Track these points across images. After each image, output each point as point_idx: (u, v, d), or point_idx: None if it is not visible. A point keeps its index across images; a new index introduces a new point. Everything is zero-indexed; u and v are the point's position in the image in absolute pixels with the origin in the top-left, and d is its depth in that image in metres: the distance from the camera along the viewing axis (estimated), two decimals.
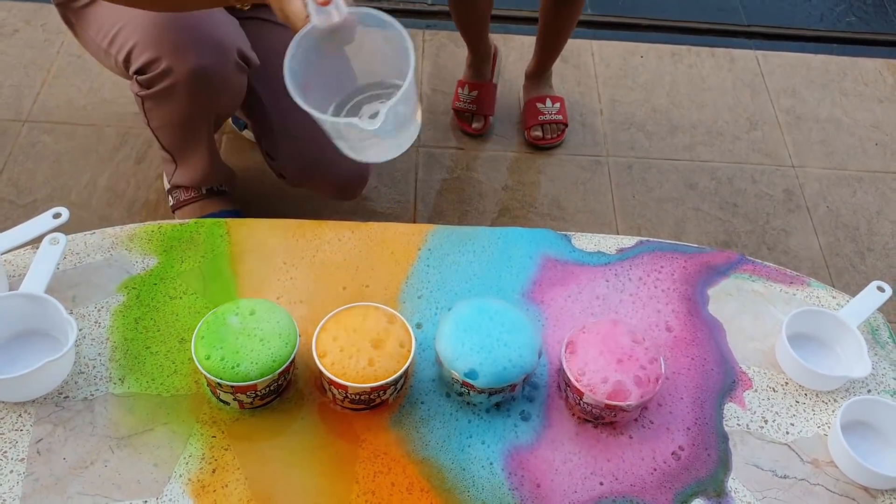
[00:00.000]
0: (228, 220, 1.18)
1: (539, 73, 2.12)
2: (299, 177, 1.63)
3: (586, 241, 1.19)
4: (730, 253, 1.21)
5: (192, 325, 0.99)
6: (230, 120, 2.03)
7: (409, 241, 1.17)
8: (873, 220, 2.05)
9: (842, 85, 2.38)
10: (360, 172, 1.65)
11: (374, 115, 0.89)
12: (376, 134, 0.89)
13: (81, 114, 2.04)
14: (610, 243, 1.19)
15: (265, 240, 1.15)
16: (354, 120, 0.91)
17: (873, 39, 2.59)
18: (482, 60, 2.11)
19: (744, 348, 1.10)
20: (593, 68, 2.32)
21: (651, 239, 1.21)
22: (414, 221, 1.90)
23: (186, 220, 1.17)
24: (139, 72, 1.38)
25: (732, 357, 1.09)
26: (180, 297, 1.07)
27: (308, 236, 1.16)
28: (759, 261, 1.20)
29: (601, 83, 2.29)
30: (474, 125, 2.10)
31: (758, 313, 1.14)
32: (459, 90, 2.13)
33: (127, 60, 1.39)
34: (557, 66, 2.29)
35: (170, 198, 1.76)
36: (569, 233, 1.20)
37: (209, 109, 1.49)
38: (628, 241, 1.20)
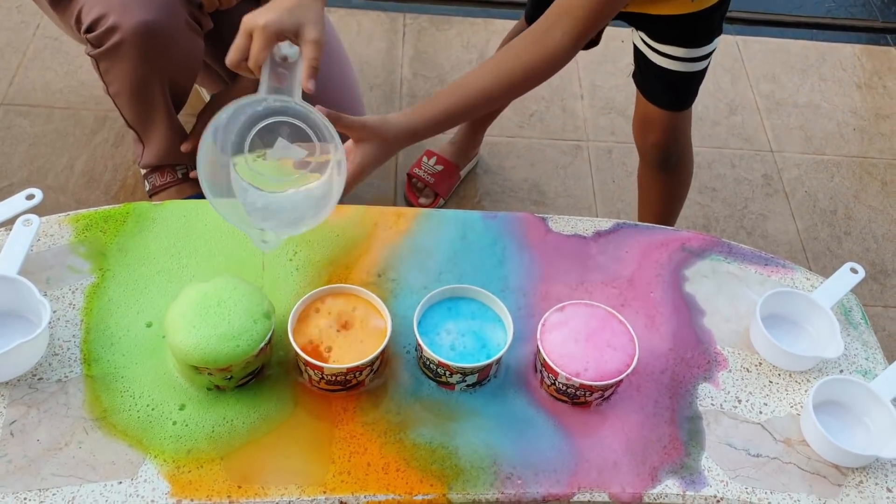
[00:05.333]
0: (205, 200, 1.17)
1: None
2: None
3: (563, 224, 1.20)
4: (705, 235, 1.22)
5: (166, 306, 0.98)
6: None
7: (389, 224, 1.17)
8: (850, 205, 2.06)
9: (821, 70, 2.39)
10: None
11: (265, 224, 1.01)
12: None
13: (58, 97, 2.02)
14: (587, 226, 1.20)
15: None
16: (246, 228, 1.01)
17: (852, 25, 2.60)
18: (465, 148, 1.94)
19: (719, 329, 1.11)
20: None
21: (628, 221, 1.22)
22: None
23: (161, 202, 1.16)
24: (89, 29, 1.41)
25: (708, 338, 1.09)
26: (155, 278, 1.07)
27: None
28: (735, 243, 1.21)
29: (581, 67, 2.29)
30: (422, 200, 1.91)
31: (733, 294, 1.15)
32: (424, 159, 1.94)
33: (79, 20, 1.41)
34: None
35: (146, 183, 1.75)
36: (546, 215, 1.21)
37: (161, 69, 1.48)
38: (605, 223, 1.21)
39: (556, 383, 0.98)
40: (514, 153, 2.06)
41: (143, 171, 1.76)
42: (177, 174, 1.72)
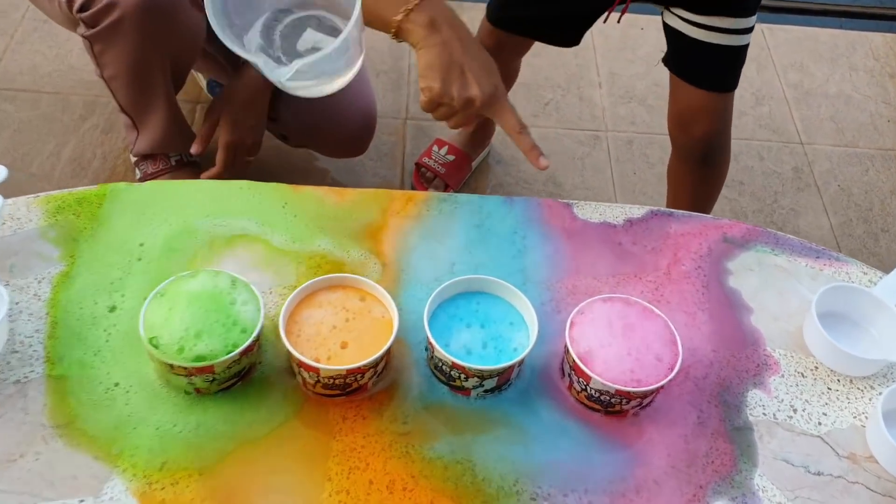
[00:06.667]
0: (189, 181, 1.05)
1: None
2: (304, 135, 1.54)
3: (591, 211, 1.07)
4: (748, 224, 1.09)
5: (144, 298, 0.86)
6: (205, 88, 1.89)
7: (397, 209, 1.05)
8: (887, 200, 1.94)
9: (851, 60, 2.27)
10: (366, 123, 1.56)
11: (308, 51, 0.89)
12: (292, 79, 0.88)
13: (46, 81, 1.91)
14: (617, 213, 1.07)
15: (231, 203, 1.02)
16: (262, 63, 0.88)
17: (882, 14, 2.47)
18: (478, 136, 1.81)
19: (768, 328, 0.98)
20: (591, 40, 2.19)
21: (662, 209, 1.09)
22: None
23: (142, 182, 1.04)
24: (82, 8, 1.28)
25: (757, 338, 0.97)
26: (132, 266, 0.95)
27: (283, 200, 1.04)
28: (782, 233, 1.08)
29: (599, 55, 2.16)
30: (430, 190, 1.77)
31: (782, 290, 1.02)
32: (435, 147, 1.81)
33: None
34: None
35: (137, 171, 1.63)
36: (571, 201, 1.08)
37: (163, 49, 1.37)
38: (637, 210, 1.08)
39: (588, 389, 0.85)
40: None
41: (133, 159, 1.64)
42: (170, 161, 1.61)
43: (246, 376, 0.86)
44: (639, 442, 0.87)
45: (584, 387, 0.86)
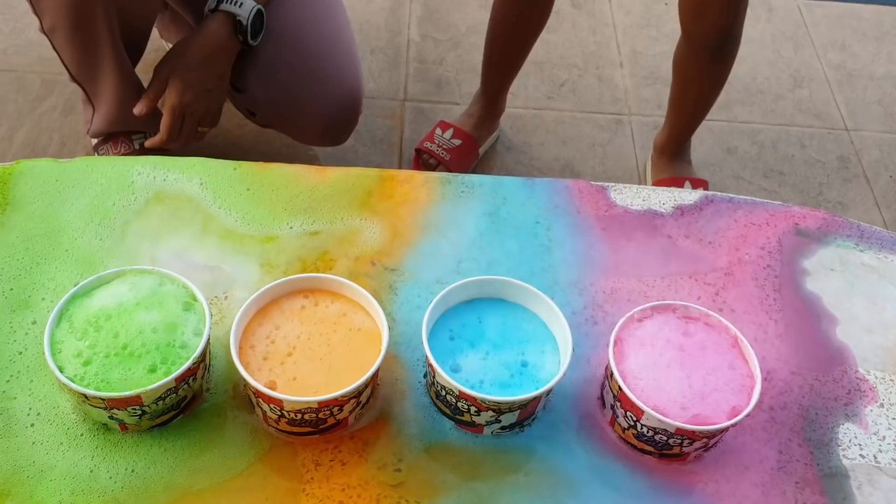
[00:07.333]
0: (139, 157, 0.85)
1: (673, 146, 1.59)
2: (275, 112, 1.31)
3: (631, 196, 0.86)
4: (823, 212, 0.88)
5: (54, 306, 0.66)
6: None
7: (388, 192, 0.84)
8: None
9: None
10: (351, 104, 1.32)
11: None
12: None
13: (0, 57, 1.70)
14: (664, 198, 0.87)
15: (185, 183, 0.82)
16: None
17: None
18: (487, 116, 1.63)
19: (860, 344, 0.77)
20: (611, 16, 1.99)
21: (718, 193, 0.88)
22: None
23: (71, 159, 0.84)
24: None
25: (845, 356, 0.76)
26: (50, 263, 0.74)
27: (246, 181, 0.83)
28: (867, 224, 0.88)
29: (620, 32, 1.95)
30: None
31: (873, 295, 0.81)
32: (438, 131, 1.62)
33: None
34: (568, 13, 1.97)
35: (96, 155, 1.43)
36: (607, 184, 0.88)
37: None
38: (689, 195, 0.87)
39: (638, 426, 0.65)
40: (542, 128, 1.72)
41: (93, 142, 1.44)
42: (133, 145, 1.41)
43: (188, 408, 0.66)
44: (703, 493, 0.66)
45: (632, 423, 0.65)
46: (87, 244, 0.76)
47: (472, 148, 1.60)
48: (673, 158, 1.59)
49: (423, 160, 1.59)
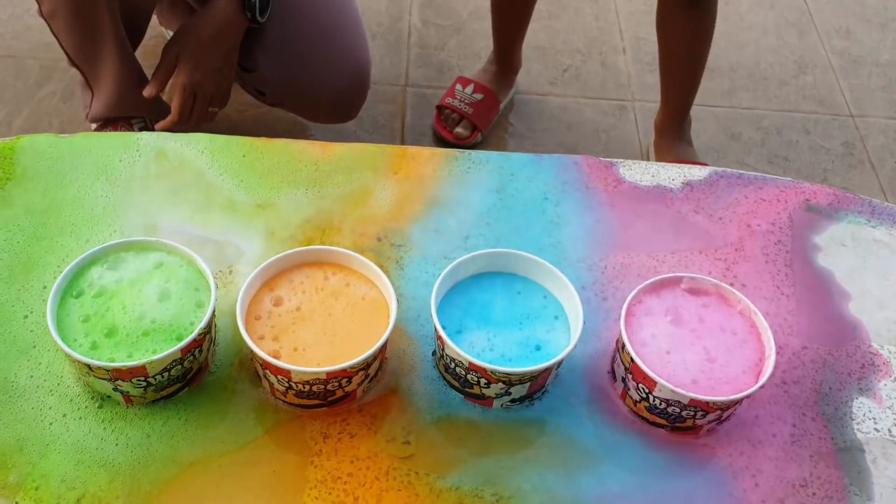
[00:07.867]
0: (137, 133, 0.84)
1: (670, 123, 1.56)
2: (285, 89, 1.30)
3: (640, 172, 0.86)
4: (834, 189, 0.87)
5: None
6: None
7: (394, 167, 0.83)
8: None
9: None
10: (360, 78, 1.32)
11: None
12: None
13: None
14: (673, 174, 0.86)
15: (190, 157, 0.81)
16: None
17: None
18: (503, 72, 1.64)
19: (872, 319, 0.76)
20: (613, 2, 1.98)
21: (727, 169, 0.87)
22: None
23: (70, 135, 0.83)
24: None
25: (858, 331, 0.75)
26: (52, 241, 0.73)
27: (250, 153, 0.82)
28: (878, 201, 0.87)
29: (623, 18, 1.94)
30: (458, 130, 1.59)
31: (886, 271, 0.80)
32: (458, 87, 1.62)
33: None
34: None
35: None
36: (615, 160, 0.87)
37: None
38: (698, 171, 0.86)
39: (651, 398, 0.64)
40: (545, 113, 1.71)
41: (93, 127, 1.43)
42: (133, 129, 1.39)
43: (193, 381, 0.65)
44: (716, 466, 0.65)
45: (644, 395, 0.64)
46: (89, 216, 0.75)
47: (493, 102, 1.62)
48: (673, 139, 1.57)
49: (445, 115, 1.61)
